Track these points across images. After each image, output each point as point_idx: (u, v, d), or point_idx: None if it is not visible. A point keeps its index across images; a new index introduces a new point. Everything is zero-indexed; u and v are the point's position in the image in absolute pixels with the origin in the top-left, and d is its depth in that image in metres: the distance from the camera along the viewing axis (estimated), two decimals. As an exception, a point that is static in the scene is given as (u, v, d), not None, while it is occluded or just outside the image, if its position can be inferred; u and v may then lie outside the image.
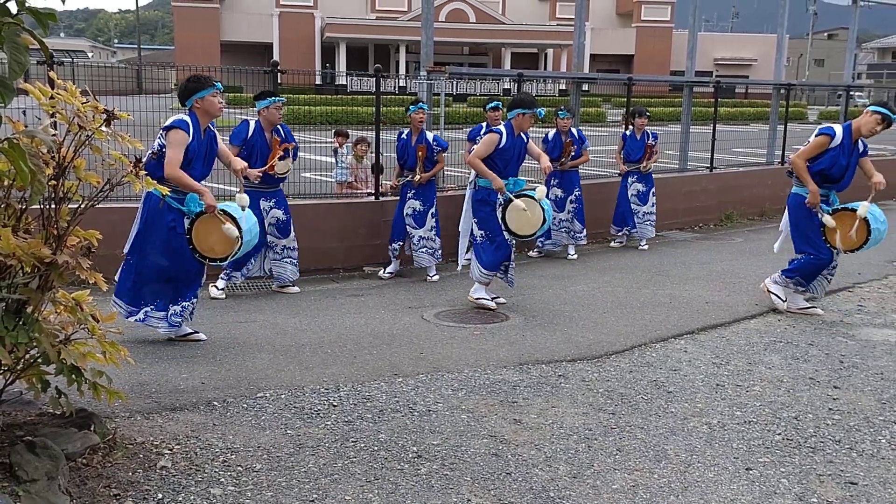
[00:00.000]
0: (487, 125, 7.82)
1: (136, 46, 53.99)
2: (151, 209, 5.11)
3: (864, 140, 6.20)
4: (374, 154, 8.31)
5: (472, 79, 33.09)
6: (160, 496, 3.20)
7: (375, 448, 3.77)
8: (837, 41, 66.66)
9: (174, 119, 5.02)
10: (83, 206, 3.42)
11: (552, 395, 4.55)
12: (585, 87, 16.09)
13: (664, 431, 4.07)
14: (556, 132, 8.73)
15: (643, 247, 9.46)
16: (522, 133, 6.33)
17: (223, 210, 5.05)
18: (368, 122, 9.79)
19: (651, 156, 9.31)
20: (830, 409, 4.43)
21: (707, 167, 11.81)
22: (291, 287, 7.03)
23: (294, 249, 6.95)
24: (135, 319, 5.21)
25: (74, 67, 7.52)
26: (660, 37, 52.57)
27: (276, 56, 43.62)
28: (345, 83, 34.62)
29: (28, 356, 3.34)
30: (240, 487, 3.34)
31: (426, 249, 7.61)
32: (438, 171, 7.85)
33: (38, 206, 3.21)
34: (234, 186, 8.03)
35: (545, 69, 48.15)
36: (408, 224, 7.60)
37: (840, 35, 68.88)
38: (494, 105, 8.06)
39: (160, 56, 59.60)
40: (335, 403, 4.33)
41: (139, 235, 5.15)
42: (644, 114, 9.31)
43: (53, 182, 3.26)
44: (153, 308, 5.23)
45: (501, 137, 6.21)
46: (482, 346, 5.49)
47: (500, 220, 6.25)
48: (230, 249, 5.06)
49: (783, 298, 6.51)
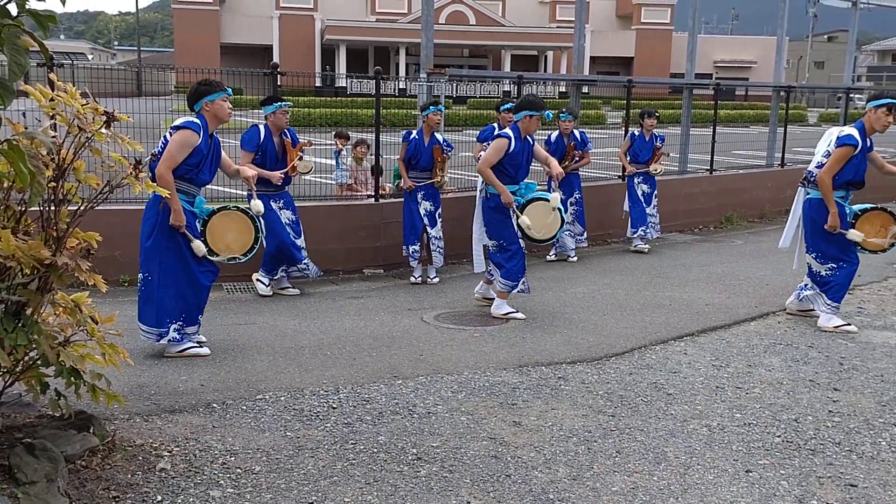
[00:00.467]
0: (499, 126, 7.75)
1: (136, 48, 53.97)
2: (164, 215, 4.90)
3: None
4: (374, 156, 8.31)
5: (472, 81, 33.04)
6: (159, 498, 3.20)
7: (375, 450, 3.77)
8: (837, 43, 66.68)
9: (185, 120, 4.94)
10: (83, 208, 3.43)
11: (552, 398, 4.54)
12: (585, 90, 16.13)
13: (664, 433, 4.07)
14: (559, 134, 8.68)
15: (643, 248, 9.46)
16: (528, 136, 6.19)
17: (237, 207, 5.21)
18: (368, 125, 9.78)
19: (659, 158, 9.31)
20: (830, 412, 4.43)
21: (707, 169, 11.82)
22: (291, 289, 7.05)
23: (305, 248, 7.02)
24: (167, 340, 5.02)
25: (74, 69, 7.54)
26: (660, 39, 52.59)
27: (276, 58, 43.63)
28: (345, 85, 34.73)
29: (27, 358, 3.34)
30: (239, 489, 3.33)
31: (439, 250, 7.64)
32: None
33: (38, 208, 3.22)
34: (232, 188, 8.05)
35: (545, 71, 48.16)
36: (426, 224, 7.53)
37: (840, 37, 68.91)
38: (508, 106, 7.85)
39: (160, 58, 59.53)
40: (334, 405, 4.33)
41: (155, 246, 4.95)
42: (654, 115, 9.25)
43: (53, 184, 3.27)
44: (182, 324, 5.05)
45: (510, 142, 6.05)
46: (482, 348, 5.49)
47: (516, 227, 6.17)
48: (247, 246, 5.17)
49: (841, 323, 6.13)
